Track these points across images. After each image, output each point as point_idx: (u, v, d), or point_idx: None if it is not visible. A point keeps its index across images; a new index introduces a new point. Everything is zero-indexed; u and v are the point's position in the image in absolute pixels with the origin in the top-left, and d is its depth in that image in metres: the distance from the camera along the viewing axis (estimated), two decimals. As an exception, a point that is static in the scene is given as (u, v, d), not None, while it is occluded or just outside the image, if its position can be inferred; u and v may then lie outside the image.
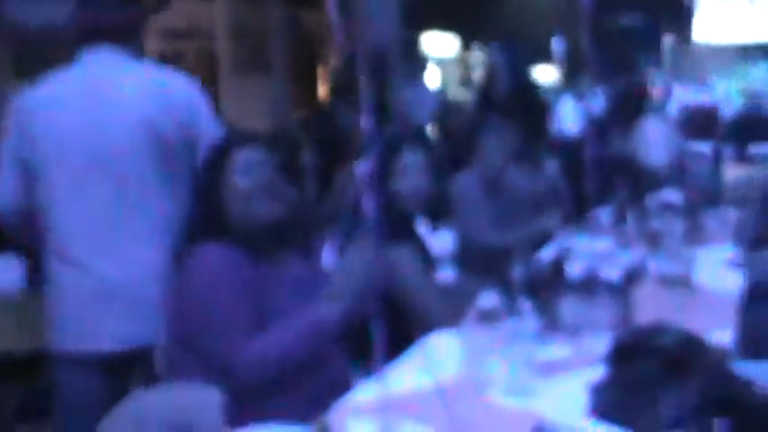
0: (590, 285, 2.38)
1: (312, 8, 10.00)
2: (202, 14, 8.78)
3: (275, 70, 9.66)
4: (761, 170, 5.47)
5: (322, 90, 10.60)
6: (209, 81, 8.34)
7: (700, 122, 7.67)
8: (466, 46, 13.32)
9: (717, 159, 5.55)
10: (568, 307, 2.36)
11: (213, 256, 2.22)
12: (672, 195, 4.12)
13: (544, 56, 12.08)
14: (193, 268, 2.23)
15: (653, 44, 12.25)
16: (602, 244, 3.36)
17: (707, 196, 4.46)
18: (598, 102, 8.83)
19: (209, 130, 2.68)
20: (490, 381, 2.03)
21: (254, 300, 2.20)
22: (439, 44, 12.66)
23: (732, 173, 6.49)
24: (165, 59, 6.35)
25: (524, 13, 12.77)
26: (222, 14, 8.91)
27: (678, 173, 5.60)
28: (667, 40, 12.33)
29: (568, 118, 8.80)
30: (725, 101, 7.99)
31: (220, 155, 2.34)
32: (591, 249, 3.14)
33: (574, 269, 2.60)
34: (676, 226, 3.61)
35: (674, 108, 7.98)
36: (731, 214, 4.14)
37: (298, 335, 2.18)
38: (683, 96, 8.12)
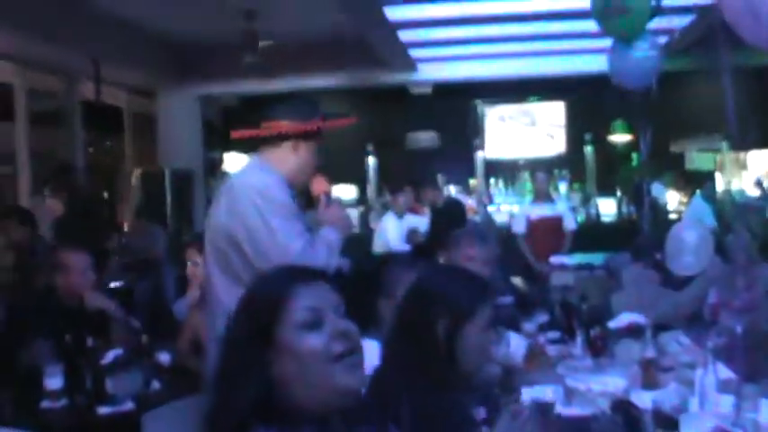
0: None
1: (112, 133, 9.64)
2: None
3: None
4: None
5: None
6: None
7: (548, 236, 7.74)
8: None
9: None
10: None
11: None
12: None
13: (352, 175, 12.17)
14: None
15: (455, 161, 12.61)
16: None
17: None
18: (418, 220, 8.79)
19: None
20: None
21: None
22: (238, 164, 12.49)
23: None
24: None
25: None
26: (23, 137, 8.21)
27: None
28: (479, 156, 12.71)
29: (392, 236, 8.62)
30: (566, 214, 8.12)
31: (270, 306, 1.56)
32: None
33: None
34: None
35: (521, 224, 7.97)
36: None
37: None
38: (527, 210, 8.15)
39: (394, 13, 7.93)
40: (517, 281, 6.75)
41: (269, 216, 2.84)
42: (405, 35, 8.88)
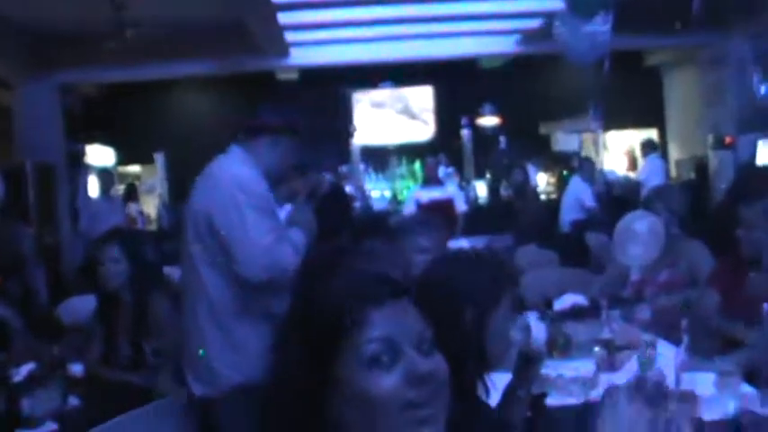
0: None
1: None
2: None
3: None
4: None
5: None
6: None
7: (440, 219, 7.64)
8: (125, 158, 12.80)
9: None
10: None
11: None
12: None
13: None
14: None
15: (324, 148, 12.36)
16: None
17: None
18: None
19: None
20: None
21: None
22: (101, 156, 11.96)
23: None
24: None
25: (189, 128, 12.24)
26: None
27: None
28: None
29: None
30: (456, 195, 8.07)
31: (330, 332, 1.20)
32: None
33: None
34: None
35: (410, 207, 7.87)
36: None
37: None
38: (417, 194, 8.06)
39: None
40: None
41: (245, 208, 2.86)
42: (284, 17, 8.55)
